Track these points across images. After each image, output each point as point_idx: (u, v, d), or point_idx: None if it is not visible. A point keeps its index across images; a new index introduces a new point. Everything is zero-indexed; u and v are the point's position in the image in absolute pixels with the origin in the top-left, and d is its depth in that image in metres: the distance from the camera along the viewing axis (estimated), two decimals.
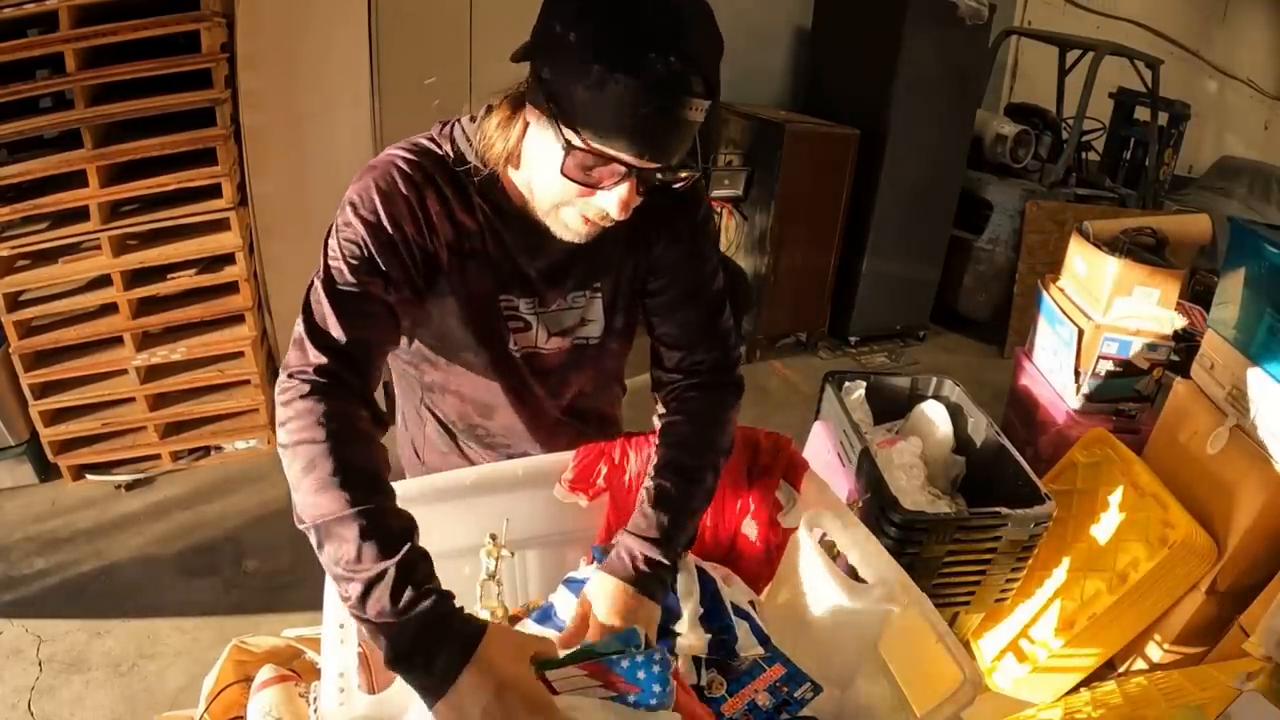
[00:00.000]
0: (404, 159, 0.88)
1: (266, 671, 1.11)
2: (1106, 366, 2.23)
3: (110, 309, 2.44)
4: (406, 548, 0.70)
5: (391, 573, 0.68)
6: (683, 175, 0.81)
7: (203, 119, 2.31)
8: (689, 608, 0.94)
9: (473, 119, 0.91)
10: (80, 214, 2.30)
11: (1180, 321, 2.28)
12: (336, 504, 0.71)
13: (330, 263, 0.85)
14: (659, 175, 0.80)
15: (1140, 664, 1.92)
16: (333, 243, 0.86)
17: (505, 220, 0.92)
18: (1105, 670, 1.96)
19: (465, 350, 0.98)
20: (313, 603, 0.90)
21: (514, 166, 0.88)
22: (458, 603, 0.71)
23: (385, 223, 0.85)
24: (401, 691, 0.73)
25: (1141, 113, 4.94)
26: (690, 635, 0.93)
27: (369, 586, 0.68)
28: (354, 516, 0.70)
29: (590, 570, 0.95)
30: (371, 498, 0.72)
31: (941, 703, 0.83)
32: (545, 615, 0.96)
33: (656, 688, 0.72)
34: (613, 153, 0.76)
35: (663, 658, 0.73)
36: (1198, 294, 3.48)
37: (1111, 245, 2.32)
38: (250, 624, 2.01)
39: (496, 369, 1.00)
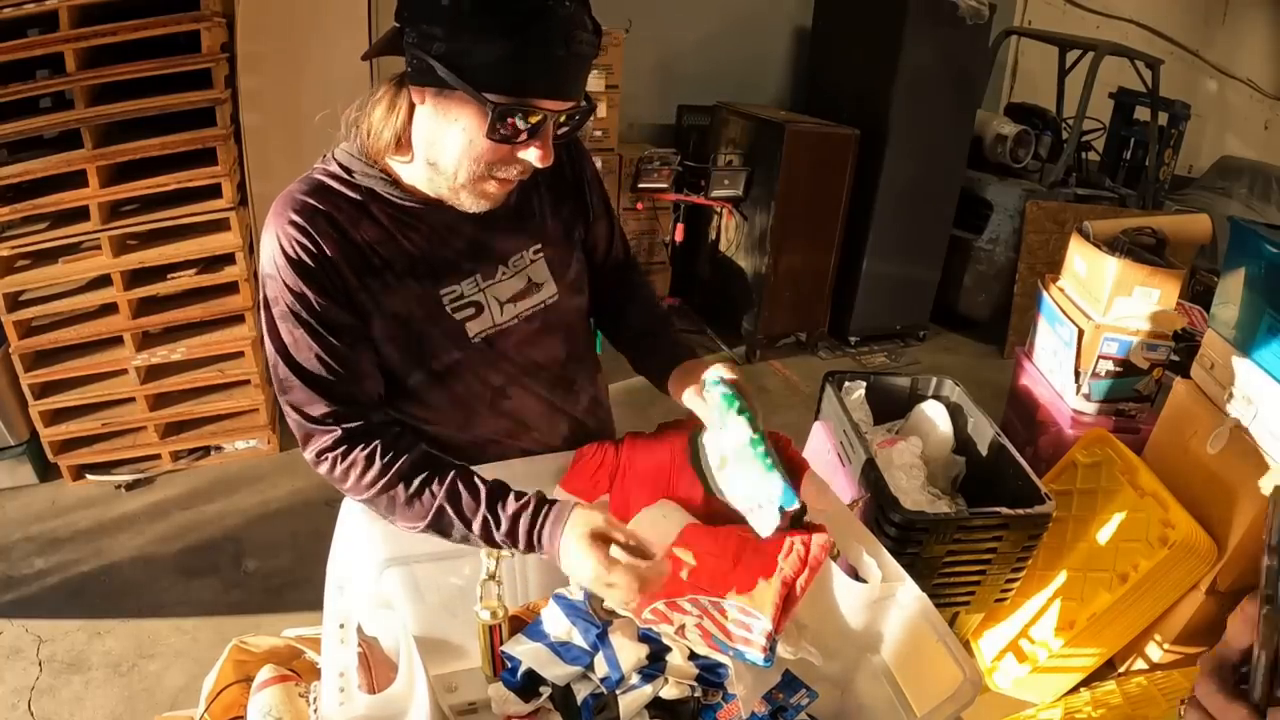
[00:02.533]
0: (294, 204, 0.88)
1: (266, 671, 1.11)
2: (1106, 366, 2.23)
3: (110, 309, 2.44)
4: (484, 496, 0.88)
5: (488, 522, 0.87)
6: (585, 109, 0.85)
7: (203, 119, 2.31)
8: (677, 647, 0.94)
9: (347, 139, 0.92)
10: (80, 214, 2.30)
11: (1180, 321, 2.28)
12: (424, 510, 0.88)
13: (282, 339, 0.88)
14: (572, 115, 0.84)
15: (1140, 664, 1.92)
16: (271, 325, 0.88)
17: (410, 214, 0.92)
18: (1105, 670, 1.96)
19: (423, 365, 0.96)
20: (313, 603, 0.90)
21: (402, 154, 0.89)
22: (457, 602, 0.72)
23: (303, 287, 0.87)
24: (401, 691, 0.73)
25: (1141, 113, 4.94)
26: (682, 665, 0.94)
27: (490, 537, 0.88)
28: (441, 508, 0.87)
29: (577, 589, 0.96)
30: (435, 484, 0.88)
31: (941, 703, 0.83)
32: (536, 630, 0.97)
33: None
34: (534, 101, 0.79)
35: None
36: (1198, 294, 3.48)
37: (1111, 245, 2.31)
38: (250, 624, 2.01)
39: (462, 369, 0.99)
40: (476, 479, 0.89)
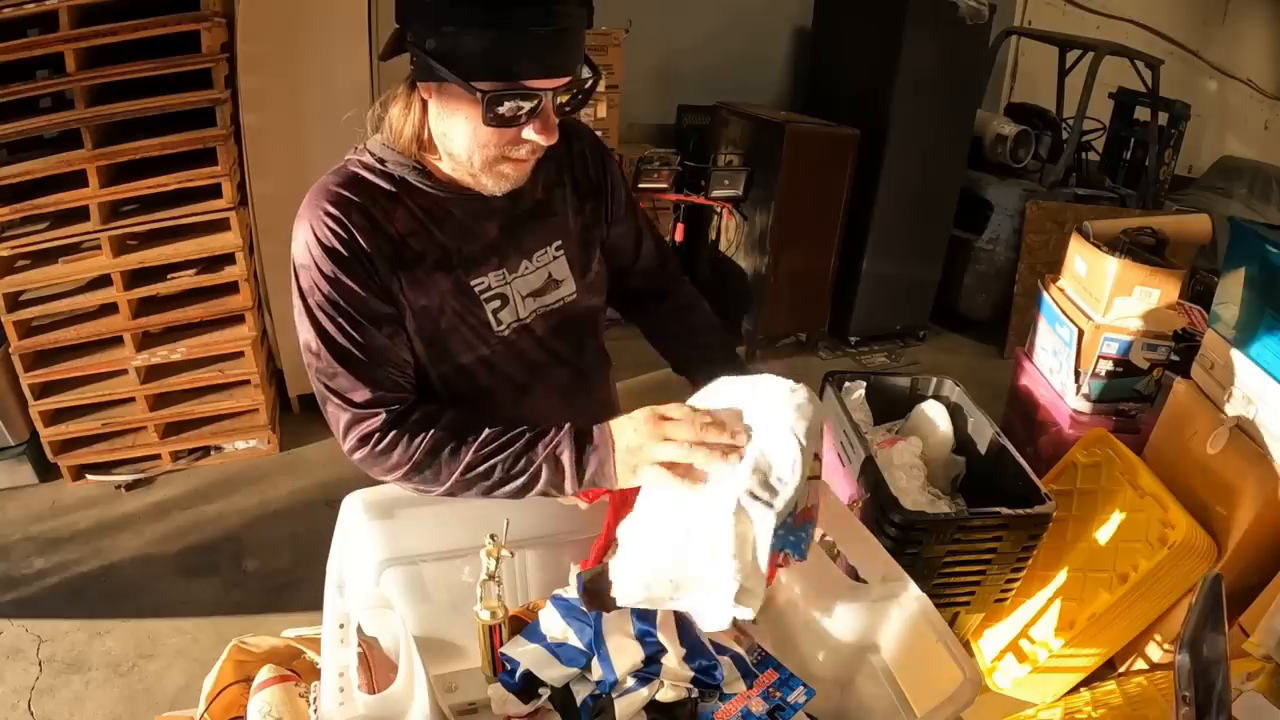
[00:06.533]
0: (329, 195, 0.89)
1: (266, 671, 1.11)
2: (1106, 366, 2.23)
3: (110, 309, 2.44)
4: (513, 442, 0.86)
5: (522, 466, 0.86)
6: (587, 81, 0.86)
7: (203, 119, 2.31)
8: (672, 649, 0.94)
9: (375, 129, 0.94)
10: (80, 214, 2.30)
11: (1180, 321, 2.28)
12: (457, 468, 0.86)
13: (322, 327, 0.88)
14: (572, 90, 0.85)
15: (1140, 664, 1.92)
16: (309, 314, 0.89)
17: (441, 203, 0.93)
18: (1105, 670, 1.96)
19: (445, 362, 0.97)
20: (313, 603, 0.90)
21: (426, 149, 0.91)
22: (464, 600, 0.72)
23: (340, 276, 0.88)
24: (401, 691, 0.73)
25: (1141, 113, 4.93)
26: (677, 668, 0.94)
27: (529, 483, 0.87)
28: (481, 459, 0.86)
29: (574, 589, 0.95)
30: (473, 440, 0.87)
31: (941, 703, 0.83)
32: (534, 631, 0.97)
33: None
34: (523, 83, 0.81)
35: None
36: (1198, 294, 3.48)
37: (1111, 245, 2.31)
38: (250, 624, 2.01)
39: (483, 365, 1.00)
40: (520, 427, 0.89)
